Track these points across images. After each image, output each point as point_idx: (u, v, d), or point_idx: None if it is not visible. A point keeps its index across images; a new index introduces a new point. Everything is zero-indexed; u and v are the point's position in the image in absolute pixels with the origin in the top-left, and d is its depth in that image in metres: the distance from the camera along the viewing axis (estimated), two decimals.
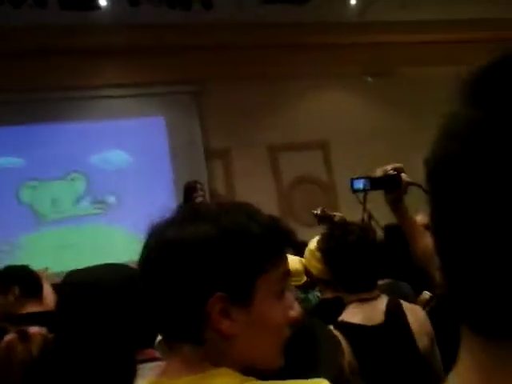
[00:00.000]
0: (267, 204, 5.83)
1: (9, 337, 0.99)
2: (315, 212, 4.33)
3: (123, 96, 6.30)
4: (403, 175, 1.56)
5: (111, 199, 6.27)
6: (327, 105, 7.18)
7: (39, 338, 0.98)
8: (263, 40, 6.61)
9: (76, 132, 6.13)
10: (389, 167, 1.58)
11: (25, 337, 0.98)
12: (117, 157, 6.35)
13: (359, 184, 1.59)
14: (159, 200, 6.37)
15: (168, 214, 0.81)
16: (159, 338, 1.06)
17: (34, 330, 1.00)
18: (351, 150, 6.98)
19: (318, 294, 2.37)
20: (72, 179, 6.20)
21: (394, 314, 1.59)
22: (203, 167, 6.59)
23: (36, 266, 2.55)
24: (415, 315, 1.64)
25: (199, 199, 4.85)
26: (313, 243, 2.12)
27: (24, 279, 2.20)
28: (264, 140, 6.83)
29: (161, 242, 0.75)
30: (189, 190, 5.04)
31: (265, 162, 6.94)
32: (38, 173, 6.04)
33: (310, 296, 2.31)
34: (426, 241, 1.53)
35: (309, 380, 0.74)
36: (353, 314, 1.63)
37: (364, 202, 1.92)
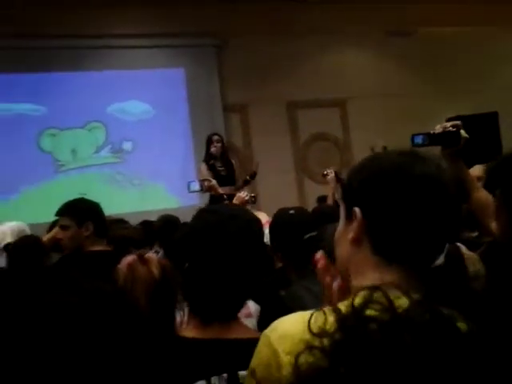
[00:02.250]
0: (283, 160, 5.88)
1: (129, 258, 1.07)
2: (325, 172, 4.41)
3: (144, 46, 6.27)
4: (462, 132, 1.62)
5: (129, 148, 6.32)
6: (346, 63, 7.13)
7: (156, 262, 1.07)
8: None
9: (97, 81, 6.13)
10: (448, 124, 1.64)
11: (143, 260, 1.06)
12: (136, 107, 6.36)
13: (419, 139, 1.65)
14: (177, 151, 6.44)
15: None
16: None
17: (150, 254, 1.08)
18: (368, 108, 6.98)
19: None
20: (92, 128, 6.23)
21: (453, 256, 1.69)
22: (221, 121, 6.61)
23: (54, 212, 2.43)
24: (470, 259, 1.75)
25: (213, 149, 5.18)
26: None
27: (98, 217, 2.23)
28: (282, 96, 6.82)
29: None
30: (207, 142, 5.35)
31: (282, 119, 6.95)
32: (58, 121, 6.07)
33: None
34: (480, 193, 1.62)
35: None
36: None
37: None
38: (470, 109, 6.82)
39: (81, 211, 2.23)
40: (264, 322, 1.63)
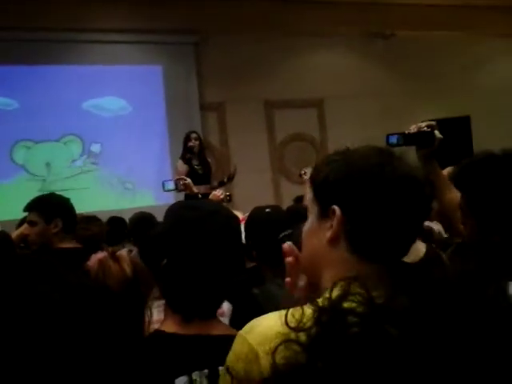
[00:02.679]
0: (259, 160, 5.84)
1: (99, 255, 1.05)
2: (302, 172, 4.41)
3: (123, 42, 6.19)
4: (436, 132, 1.63)
5: (103, 145, 6.21)
6: (323, 63, 7.17)
7: (128, 260, 1.05)
8: None
9: (73, 76, 6.01)
10: (423, 124, 1.65)
11: (115, 257, 1.04)
12: (113, 103, 6.27)
13: (393, 139, 1.66)
14: (153, 149, 6.38)
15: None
16: None
17: (121, 252, 1.06)
18: (345, 109, 7.04)
19: None
20: (67, 142, 6.10)
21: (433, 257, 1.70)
22: (198, 119, 6.58)
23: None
24: None
25: (190, 144, 5.25)
26: None
27: (67, 213, 2.16)
28: (259, 96, 6.82)
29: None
30: (185, 140, 5.41)
31: (259, 118, 6.95)
32: (31, 118, 5.88)
33: None
34: (452, 194, 1.63)
35: None
36: None
37: None
38: (445, 111, 6.95)
39: (50, 207, 2.16)
40: (237, 320, 1.61)
